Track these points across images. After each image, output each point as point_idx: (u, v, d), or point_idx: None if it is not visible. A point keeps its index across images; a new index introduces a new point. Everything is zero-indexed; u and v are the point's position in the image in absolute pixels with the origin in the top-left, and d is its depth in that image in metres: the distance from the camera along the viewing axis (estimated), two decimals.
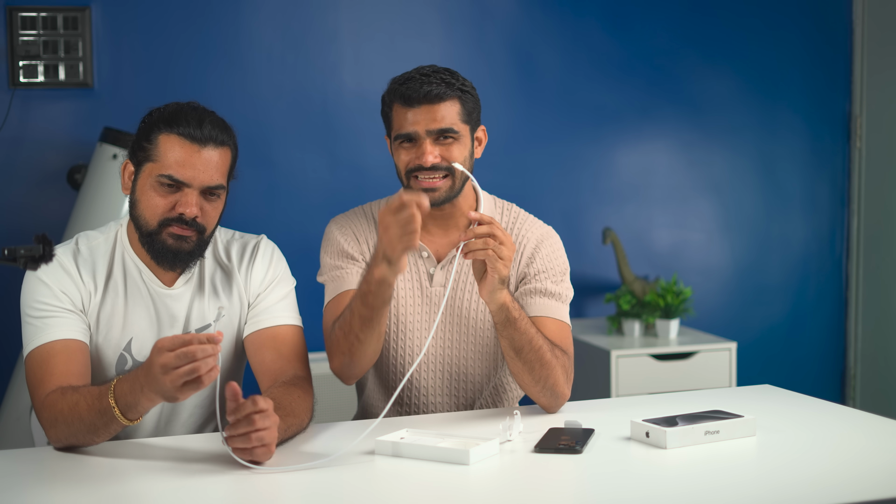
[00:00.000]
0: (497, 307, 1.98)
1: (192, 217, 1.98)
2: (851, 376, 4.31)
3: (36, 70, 3.47)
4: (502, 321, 2.00)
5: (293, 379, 2.03)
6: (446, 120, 2.07)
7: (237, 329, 2.13)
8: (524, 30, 3.91)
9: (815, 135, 4.24)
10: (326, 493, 1.68)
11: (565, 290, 2.19)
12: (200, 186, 1.98)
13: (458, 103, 2.10)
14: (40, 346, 1.95)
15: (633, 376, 3.54)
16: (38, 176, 3.50)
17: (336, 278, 2.17)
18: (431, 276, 2.18)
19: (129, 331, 2.05)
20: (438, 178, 2.08)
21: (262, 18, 3.66)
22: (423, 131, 2.07)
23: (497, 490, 1.70)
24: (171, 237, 1.98)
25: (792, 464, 1.78)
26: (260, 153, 3.68)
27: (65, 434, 1.86)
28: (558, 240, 2.25)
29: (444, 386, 2.22)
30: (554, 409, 2.12)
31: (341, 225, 2.23)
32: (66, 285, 2.00)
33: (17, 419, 3.11)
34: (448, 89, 2.09)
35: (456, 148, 2.09)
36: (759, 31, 4.14)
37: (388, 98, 2.13)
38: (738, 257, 4.21)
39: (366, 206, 2.27)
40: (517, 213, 2.25)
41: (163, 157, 1.97)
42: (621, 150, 4.06)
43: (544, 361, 2.04)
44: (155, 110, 2.03)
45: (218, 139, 2.00)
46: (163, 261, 2.01)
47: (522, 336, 2.01)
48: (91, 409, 1.81)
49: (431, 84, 2.07)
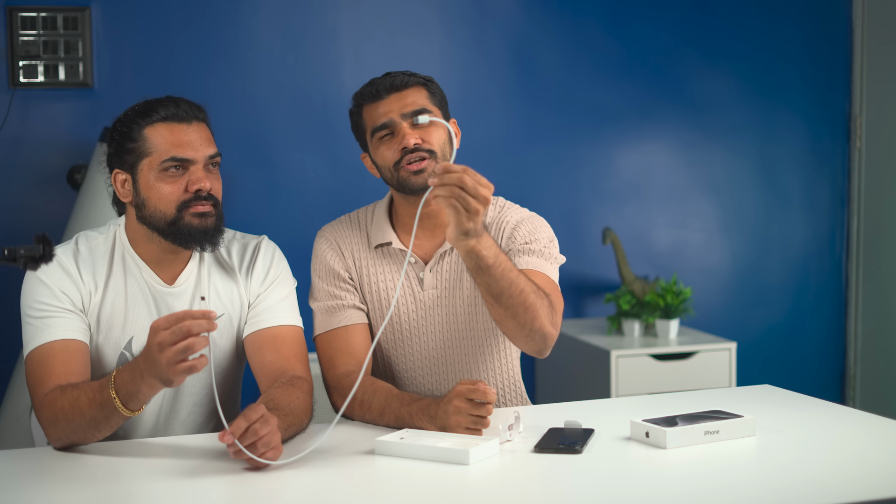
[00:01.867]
0: (465, 253, 1.89)
1: (208, 190, 2.00)
2: (851, 376, 4.31)
3: (36, 70, 3.47)
4: (473, 268, 1.91)
5: (292, 379, 2.02)
6: (417, 103, 2.10)
7: (237, 329, 2.13)
8: (524, 30, 3.91)
9: (814, 135, 4.24)
10: (326, 493, 1.68)
11: (551, 249, 2.16)
12: (203, 159, 2.01)
13: (424, 90, 2.13)
14: (40, 346, 1.96)
15: (633, 376, 3.54)
16: (38, 176, 3.51)
17: (330, 310, 2.17)
18: (422, 281, 2.18)
19: (129, 329, 2.05)
20: (423, 159, 2.08)
21: (262, 18, 3.66)
22: (398, 115, 2.09)
23: (497, 490, 1.70)
24: (195, 217, 2.00)
25: (792, 464, 1.78)
26: (260, 153, 3.68)
27: (65, 431, 1.86)
28: (543, 221, 2.22)
29: (441, 386, 2.22)
30: (545, 351, 2.05)
31: (327, 238, 2.23)
32: (66, 285, 2.00)
33: (17, 419, 3.11)
34: (411, 78, 2.13)
35: (433, 131, 2.10)
36: (759, 31, 4.14)
37: (356, 107, 2.16)
38: (738, 257, 4.21)
39: (353, 214, 2.26)
40: (503, 203, 2.24)
41: (157, 147, 1.99)
42: (621, 150, 4.06)
43: (527, 304, 1.96)
44: (122, 115, 2.05)
45: (198, 115, 2.04)
46: (193, 243, 2.02)
47: (499, 282, 1.92)
48: (92, 402, 1.81)
49: (395, 77, 2.12)
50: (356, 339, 2.15)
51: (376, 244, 2.20)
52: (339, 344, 2.14)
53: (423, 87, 2.13)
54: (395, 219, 2.22)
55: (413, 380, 2.22)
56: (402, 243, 2.18)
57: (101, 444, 1.94)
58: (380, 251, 2.20)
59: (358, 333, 2.15)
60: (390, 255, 2.20)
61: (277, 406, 1.89)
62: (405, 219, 2.19)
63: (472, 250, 1.88)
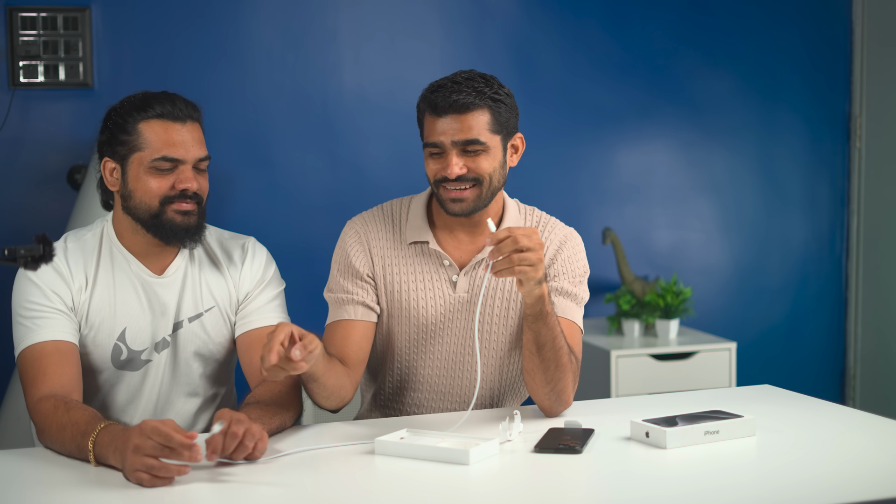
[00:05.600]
0: (534, 300, 1.94)
1: (194, 190, 2.03)
2: (851, 376, 4.31)
3: (36, 70, 3.47)
4: (535, 314, 1.96)
5: None
6: (473, 131, 2.03)
7: (228, 323, 2.16)
8: (524, 30, 3.91)
9: (814, 135, 4.24)
10: (327, 493, 1.68)
11: (582, 292, 2.19)
12: (193, 160, 2.03)
13: (489, 113, 2.04)
14: (32, 346, 1.98)
15: (633, 376, 3.54)
16: (39, 176, 3.51)
17: (339, 302, 2.15)
18: (454, 284, 2.16)
19: (121, 321, 2.07)
20: (465, 188, 2.06)
21: (262, 18, 3.66)
22: (449, 142, 2.03)
23: (497, 490, 1.70)
24: (178, 214, 2.03)
25: (792, 464, 1.78)
26: (260, 153, 3.68)
27: (49, 444, 1.89)
28: (580, 242, 2.24)
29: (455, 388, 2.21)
30: (555, 413, 2.10)
31: (357, 231, 2.19)
32: (57, 285, 2.02)
33: (17, 419, 3.11)
34: (477, 98, 2.03)
35: (483, 159, 2.05)
36: (759, 31, 4.14)
37: (421, 105, 2.10)
38: (738, 257, 4.21)
39: (385, 206, 2.22)
40: (539, 215, 2.23)
41: (150, 143, 2.01)
42: (621, 150, 4.06)
43: (560, 364, 2.01)
44: (118, 105, 2.07)
45: (193, 115, 2.06)
46: (174, 240, 2.05)
47: (549, 332, 1.98)
48: (73, 440, 1.81)
49: (461, 93, 2.02)
50: (354, 335, 2.14)
51: (411, 241, 2.17)
52: (336, 338, 2.13)
53: (489, 108, 2.04)
54: (435, 218, 2.19)
55: (429, 379, 2.21)
56: (438, 244, 2.16)
57: None
58: (414, 248, 2.17)
59: (357, 330, 2.15)
60: (426, 254, 2.17)
61: (258, 400, 1.96)
62: (444, 219, 2.17)
63: (542, 296, 1.93)
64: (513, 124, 2.10)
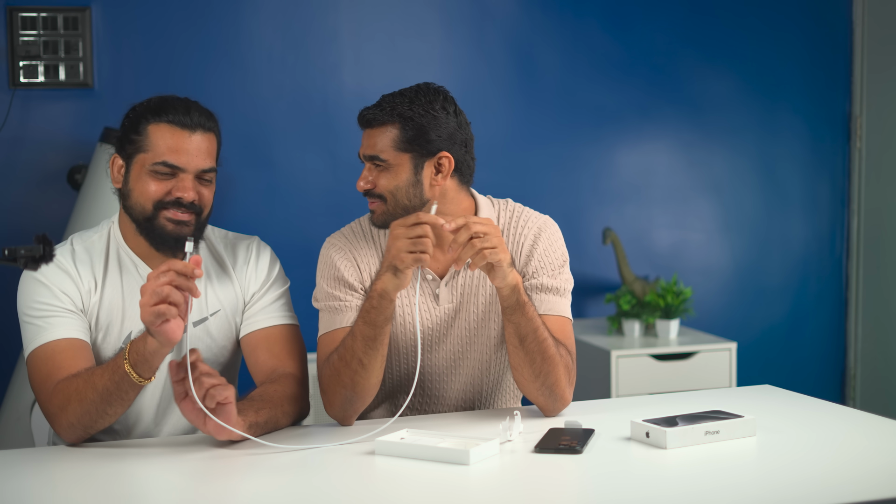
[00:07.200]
0: (510, 289, 1.95)
1: (191, 201, 2.01)
2: (851, 376, 4.31)
3: (36, 70, 3.47)
4: (512, 305, 1.97)
5: (279, 377, 2.05)
6: (376, 147, 2.05)
7: (233, 325, 2.15)
8: (524, 30, 3.91)
9: (815, 135, 4.24)
10: (327, 493, 1.68)
11: (564, 282, 2.16)
12: (195, 170, 2.02)
13: (397, 130, 2.03)
14: (44, 345, 1.96)
15: (633, 376, 3.54)
16: (39, 176, 3.51)
17: (332, 310, 2.12)
18: (437, 296, 2.15)
19: (128, 325, 2.06)
20: (374, 202, 2.07)
21: (262, 18, 3.67)
22: (362, 155, 2.09)
23: (497, 490, 1.70)
24: (170, 222, 2.01)
25: (792, 464, 1.78)
26: (260, 153, 3.68)
27: (77, 414, 1.86)
28: (556, 230, 2.21)
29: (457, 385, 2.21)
30: (552, 411, 2.09)
31: (340, 248, 2.15)
32: (66, 285, 2.01)
33: (17, 419, 3.11)
34: (384, 115, 2.04)
35: (383, 176, 2.05)
36: (759, 31, 4.14)
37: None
38: (738, 257, 4.21)
39: (356, 225, 2.20)
40: (513, 207, 2.22)
41: (155, 146, 2.01)
42: (621, 151, 4.06)
43: (547, 355, 2.01)
44: (139, 104, 2.07)
45: (206, 125, 2.04)
46: (164, 247, 2.04)
47: (529, 323, 1.98)
48: (104, 372, 1.84)
49: (377, 108, 2.06)
50: None
51: None
52: (335, 345, 2.12)
53: (399, 125, 2.02)
54: None
55: (431, 378, 2.21)
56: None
57: (102, 444, 1.94)
58: None
59: None
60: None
61: (252, 397, 1.96)
62: None
63: (516, 284, 1.96)
64: (435, 144, 2.04)
